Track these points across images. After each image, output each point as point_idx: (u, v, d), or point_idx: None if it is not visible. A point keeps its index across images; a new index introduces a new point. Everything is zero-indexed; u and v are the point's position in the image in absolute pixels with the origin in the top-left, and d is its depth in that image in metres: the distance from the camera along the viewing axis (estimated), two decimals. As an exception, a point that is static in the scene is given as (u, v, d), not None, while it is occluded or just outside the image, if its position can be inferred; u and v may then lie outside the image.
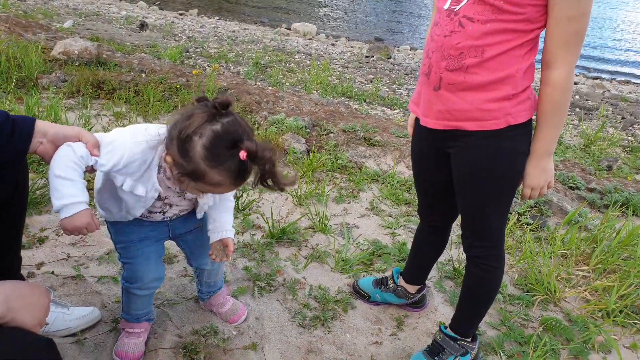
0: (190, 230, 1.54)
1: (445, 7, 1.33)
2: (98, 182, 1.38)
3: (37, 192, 2.24)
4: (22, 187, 1.33)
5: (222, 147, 1.10)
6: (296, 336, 1.73)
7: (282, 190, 1.22)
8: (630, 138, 5.32)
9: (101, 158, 1.21)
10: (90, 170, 1.24)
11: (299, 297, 1.92)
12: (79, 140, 1.20)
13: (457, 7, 1.29)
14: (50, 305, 1.52)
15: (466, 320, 1.64)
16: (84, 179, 1.20)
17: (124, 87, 3.68)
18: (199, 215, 1.50)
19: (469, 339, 1.65)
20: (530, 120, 1.38)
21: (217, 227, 1.48)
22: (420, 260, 1.86)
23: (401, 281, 1.90)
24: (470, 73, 1.29)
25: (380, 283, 1.94)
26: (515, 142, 1.35)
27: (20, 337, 0.95)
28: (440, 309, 1.96)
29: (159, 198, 1.34)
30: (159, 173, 1.27)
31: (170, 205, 1.40)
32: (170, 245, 1.84)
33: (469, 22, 1.27)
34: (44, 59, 3.99)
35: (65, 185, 1.14)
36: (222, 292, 1.74)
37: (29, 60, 3.71)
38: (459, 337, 1.63)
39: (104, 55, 4.46)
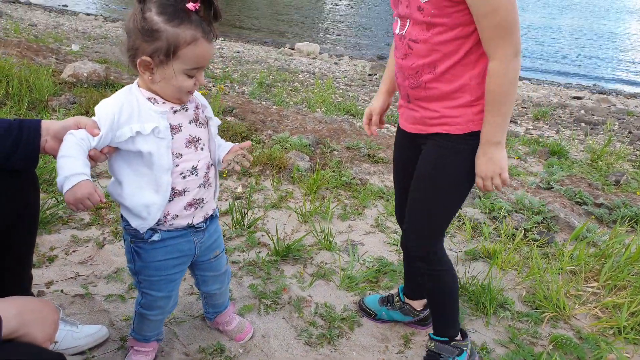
0: (209, 259, 1.55)
1: (397, 31, 1.45)
2: (114, 187, 1.35)
3: (47, 212, 2.27)
4: (33, 204, 1.36)
5: (171, 6, 1.18)
6: (302, 354, 1.72)
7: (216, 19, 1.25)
8: (638, 152, 5.30)
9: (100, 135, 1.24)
10: (98, 156, 1.25)
11: (304, 315, 1.91)
12: (78, 128, 1.25)
13: (404, 32, 1.41)
14: (60, 323, 1.53)
15: (443, 322, 1.68)
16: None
17: (131, 107, 3.74)
18: (218, 161, 1.47)
19: (459, 338, 1.67)
20: None
21: (222, 146, 1.49)
22: (412, 273, 1.87)
23: (406, 298, 1.89)
24: (429, 88, 1.40)
25: (387, 301, 1.93)
26: (474, 148, 1.42)
27: (33, 352, 0.96)
28: (448, 326, 1.94)
29: (174, 128, 1.30)
30: (153, 103, 1.28)
31: (192, 143, 1.34)
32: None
33: (414, 44, 1.38)
34: (54, 82, 4.08)
35: (67, 162, 1.18)
36: (228, 310, 1.74)
37: (39, 83, 3.80)
38: (449, 339, 1.66)
39: (112, 77, 4.55)
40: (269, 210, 2.69)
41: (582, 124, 6.89)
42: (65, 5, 15.38)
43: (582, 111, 7.77)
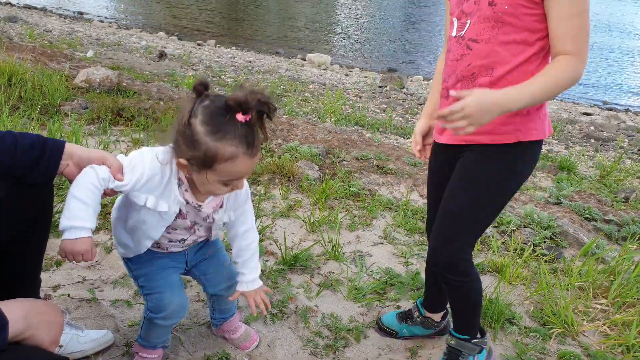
0: (205, 258, 1.56)
1: (454, 34, 1.43)
2: (115, 212, 1.42)
3: (56, 216, 2.28)
4: (48, 209, 1.37)
5: (218, 115, 1.14)
6: (308, 365, 1.71)
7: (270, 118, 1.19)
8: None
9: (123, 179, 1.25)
10: (110, 194, 1.27)
11: (311, 325, 1.90)
12: (103, 164, 1.24)
13: (463, 32, 1.39)
14: (65, 327, 1.54)
15: (465, 324, 1.66)
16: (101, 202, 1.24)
17: (142, 114, 3.78)
18: (214, 237, 1.52)
19: (479, 336, 1.66)
20: (540, 142, 1.41)
21: (245, 278, 1.49)
22: (435, 286, 1.83)
23: (427, 312, 1.87)
24: None
25: (406, 317, 1.89)
26: (517, 159, 1.39)
27: (40, 355, 0.97)
28: (455, 340, 1.92)
29: (180, 215, 1.35)
30: (179, 187, 1.30)
31: (190, 228, 1.41)
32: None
33: (474, 44, 1.36)
34: (67, 87, 4.14)
35: (77, 208, 1.18)
36: (234, 318, 1.73)
37: (52, 88, 3.85)
38: (470, 337, 1.65)
39: (124, 84, 4.60)
40: (277, 218, 2.70)
41: (592, 140, 6.84)
42: (81, 13, 15.62)
43: (592, 127, 7.73)
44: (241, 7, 21.23)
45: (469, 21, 1.37)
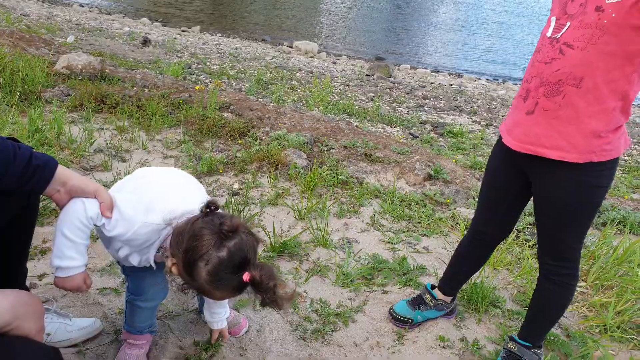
0: None
1: (549, 34, 1.35)
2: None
3: (40, 204, 2.25)
4: (33, 201, 1.35)
5: (227, 273, 1.15)
6: (297, 349, 1.73)
7: (280, 309, 1.28)
8: (627, 158, 5.37)
9: (108, 222, 1.22)
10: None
11: (300, 310, 1.92)
12: (95, 198, 1.21)
13: (559, 34, 1.31)
14: (53, 316, 1.54)
15: (539, 330, 1.69)
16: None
17: (126, 101, 3.73)
18: None
19: (538, 347, 1.69)
20: (615, 159, 1.36)
21: (214, 320, 1.56)
22: (459, 274, 1.90)
23: (439, 294, 1.91)
24: (566, 101, 1.29)
25: (418, 303, 1.92)
26: (596, 177, 1.36)
27: (28, 345, 0.97)
28: (440, 322, 1.96)
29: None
30: (157, 252, 1.30)
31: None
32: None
33: (568, 49, 1.28)
34: (48, 73, 4.05)
35: (67, 247, 1.19)
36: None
37: (32, 74, 3.76)
38: (532, 346, 1.67)
39: (107, 70, 4.52)
40: (266, 207, 2.70)
41: None
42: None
43: None
44: (226, -7, 20.92)
45: (568, 23, 1.29)
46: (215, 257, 1.14)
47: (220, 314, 1.56)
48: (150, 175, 1.38)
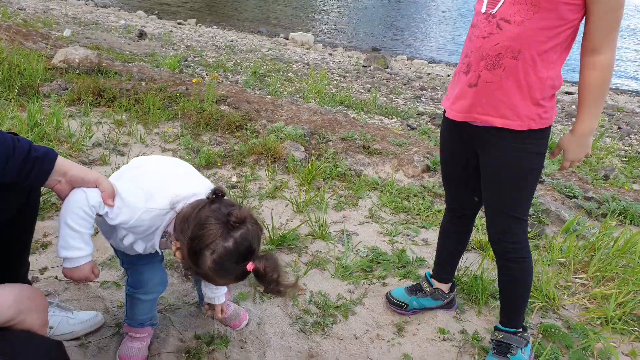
0: None
1: (483, 10, 1.42)
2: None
3: (41, 198, 2.24)
4: (34, 199, 1.35)
5: (231, 263, 1.16)
6: (297, 342, 1.74)
7: (282, 297, 1.31)
8: (627, 148, 5.38)
9: (111, 210, 1.22)
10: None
11: (299, 303, 1.93)
12: (96, 187, 1.21)
13: (494, 10, 1.38)
14: (55, 309, 1.54)
15: (515, 311, 1.71)
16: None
17: (124, 95, 3.71)
18: None
19: (522, 330, 1.72)
20: (549, 127, 1.47)
21: (215, 295, 1.59)
22: (446, 254, 1.92)
23: (436, 282, 1.94)
24: (507, 73, 1.38)
25: (415, 290, 1.95)
26: (537, 145, 1.47)
27: (32, 339, 0.97)
28: (440, 315, 1.97)
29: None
30: (162, 237, 1.30)
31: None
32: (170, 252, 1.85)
33: (505, 24, 1.36)
34: (45, 67, 4.02)
35: (72, 237, 1.19)
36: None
37: (30, 68, 3.74)
38: (517, 330, 1.70)
39: (104, 64, 4.49)
40: (264, 199, 2.70)
41: (573, 119, 6.95)
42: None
43: (574, 107, 7.84)
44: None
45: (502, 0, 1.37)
46: (221, 246, 1.15)
47: (220, 289, 1.59)
48: (146, 165, 1.39)
